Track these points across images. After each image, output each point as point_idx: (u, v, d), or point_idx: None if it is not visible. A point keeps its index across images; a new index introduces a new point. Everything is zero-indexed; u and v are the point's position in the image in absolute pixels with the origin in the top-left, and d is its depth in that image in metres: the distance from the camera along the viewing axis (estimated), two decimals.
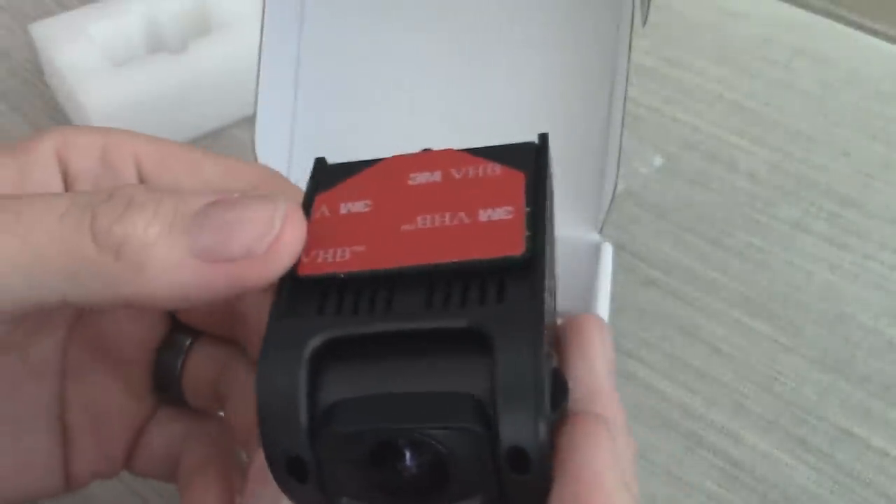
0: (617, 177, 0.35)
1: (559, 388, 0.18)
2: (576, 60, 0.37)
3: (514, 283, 0.18)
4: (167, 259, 0.17)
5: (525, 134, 0.38)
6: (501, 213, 0.19)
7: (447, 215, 0.19)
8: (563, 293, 0.40)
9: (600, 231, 0.37)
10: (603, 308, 0.34)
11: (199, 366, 0.24)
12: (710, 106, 0.50)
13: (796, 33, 0.54)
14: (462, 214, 0.19)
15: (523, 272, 0.18)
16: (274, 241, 0.18)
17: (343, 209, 0.20)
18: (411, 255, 0.19)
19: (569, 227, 0.37)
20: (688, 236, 0.44)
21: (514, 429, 0.17)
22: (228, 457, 0.24)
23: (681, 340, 0.40)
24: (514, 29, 0.37)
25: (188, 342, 0.24)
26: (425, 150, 0.22)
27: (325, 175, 0.21)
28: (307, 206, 0.21)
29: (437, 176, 0.20)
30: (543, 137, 0.22)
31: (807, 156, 0.47)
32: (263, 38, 0.35)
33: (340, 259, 0.19)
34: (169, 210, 0.18)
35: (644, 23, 0.34)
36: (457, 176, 0.20)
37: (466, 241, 0.19)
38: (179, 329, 0.25)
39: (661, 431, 0.37)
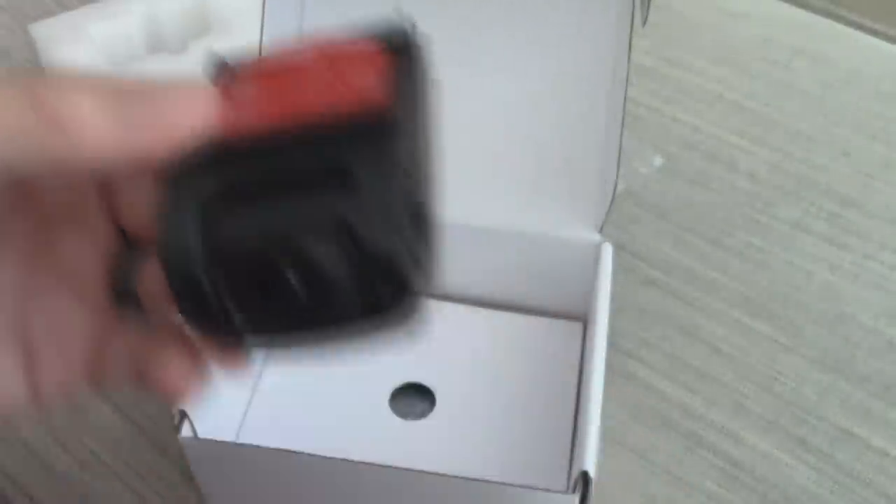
0: (617, 177, 0.35)
1: (422, 213, 0.22)
2: (576, 60, 0.37)
3: (379, 130, 0.21)
4: (96, 127, 0.21)
5: (526, 133, 0.38)
6: (371, 80, 0.22)
7: (324, 84, 0.22)
8: (563, 293, 0.40)
9: (600, 231, 0.37)
10: (603, 308, 0.34)
11: (154, 277, 0.25)
12: (710, 106, 0.50)
13: (796, 33, 0.54)
14: (338, 84, 0.22)
15: (389, 121, 0.21)
16: (190, 113, 0.22)
17: (234, 92, 0.23)
18: (290, 115, 0.22)
19: (569, 227, 0.37)
20: (688, 236, 0.44)
21: (376, 240, 0.20)
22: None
23: (681, 340, 0.40)
24: (514, 29, 0.37)
25: (141, 255, 0.26)
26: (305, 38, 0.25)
27: (222, 69, 0.25)
28: None
29: (317, 57, 0.23)
30: (412, 26, 0.25)
31: (807, 156, 0.47)
32: (264, 39, 0.35)
33: (226, 126, 0.22)
34: (100, 85, 0.21)
35: (644, 23, 0.34)
36: (334, 53, 0.24)
37: (339, 101, 0.22)
38: (131, 244, 0.27)
39: (661, 431, 0.37)
